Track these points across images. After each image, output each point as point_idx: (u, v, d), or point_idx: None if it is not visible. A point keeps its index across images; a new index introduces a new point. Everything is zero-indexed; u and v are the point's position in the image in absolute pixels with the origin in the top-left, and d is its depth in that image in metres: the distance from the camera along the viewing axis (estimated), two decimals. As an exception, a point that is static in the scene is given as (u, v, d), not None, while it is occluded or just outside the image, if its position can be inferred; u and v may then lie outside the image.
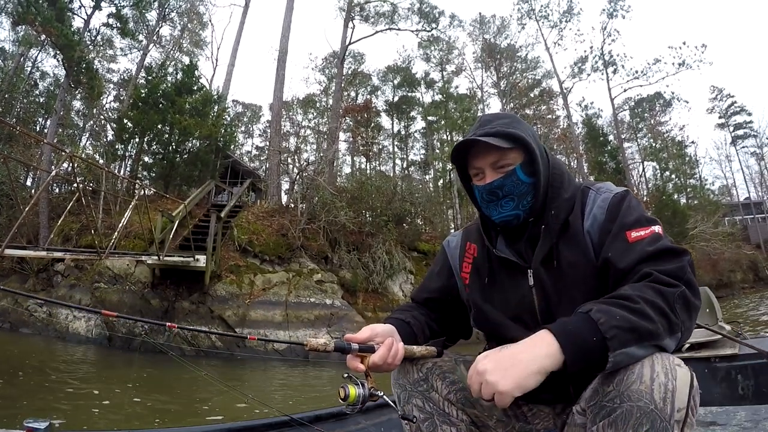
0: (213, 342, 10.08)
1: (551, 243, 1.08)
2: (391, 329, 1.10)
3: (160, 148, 16.97)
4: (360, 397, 0.89)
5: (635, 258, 0.94)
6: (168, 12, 23.39)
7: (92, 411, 5.28)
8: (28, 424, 1.44)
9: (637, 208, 1.03)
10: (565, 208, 1.10)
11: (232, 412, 5.62)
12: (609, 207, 1.05)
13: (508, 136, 1.07)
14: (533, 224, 1.12)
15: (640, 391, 0.80)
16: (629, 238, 0.98)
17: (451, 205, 22.40)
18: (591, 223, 1.06)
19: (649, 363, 0.82)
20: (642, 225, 0.99)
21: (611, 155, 24.56)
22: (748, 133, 36.98)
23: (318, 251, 12.93)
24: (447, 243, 1.37)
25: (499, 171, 1.10)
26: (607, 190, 1.09)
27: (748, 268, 25.82)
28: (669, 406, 0.79)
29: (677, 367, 0.82)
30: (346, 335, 0.99)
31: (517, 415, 1.17)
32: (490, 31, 28.96)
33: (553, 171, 1.13)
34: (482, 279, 1.19)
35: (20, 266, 12.29)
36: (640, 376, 0.80)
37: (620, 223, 1.01)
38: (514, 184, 1.09)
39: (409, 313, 1.23)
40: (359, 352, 0.96)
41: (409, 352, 1.05)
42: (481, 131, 1.10)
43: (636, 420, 0.79)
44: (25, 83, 19.71)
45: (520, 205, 1.11)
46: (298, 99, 30.45)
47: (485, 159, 1.10)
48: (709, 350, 2.87)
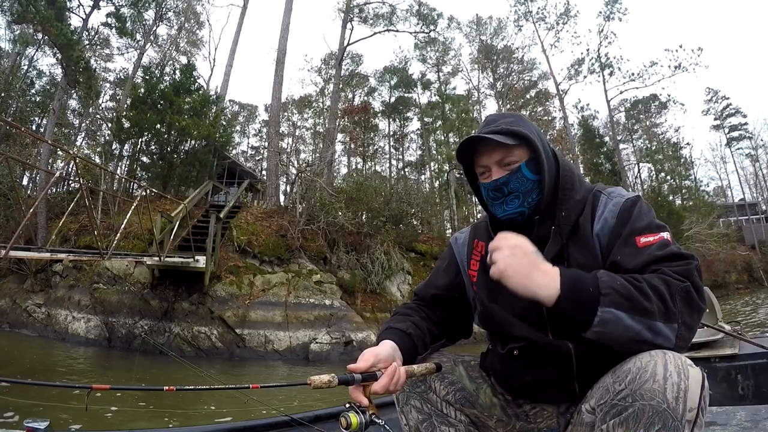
0: (213, 343, 10.08)
1: (561, 244, 1.08)
2: (392, 350, 1.08)
3: (157, 149, 16.90)
4: (362, 425, 0.91)
5: (643, 261, 0.95)
6: (165, 11, 23.28)
7: (93, 411, 5.27)
8: (28, 424, 1.46)
9: (647, 214, 1.04)
10: (576, 209, 1.10)
11: (232, 412, 5.63)
12: (620, 212, 1.05)
13: (512, 133, 1.08)
14: (539, 223, 1.12)
15: (653, 390, 0.80)
16: (638, 243, 0.98)
17: (448, 205, 22.45)
18: (601, 226, 1.06)
19: (662, 362, 0.82)
20: (652, 231, 1.00)
21: (607, 156, 24.63)
22: (743, 134, 37.21)
23: (317, 252, 12.93)
24: (455, 240, 1.36)
25: (504, 168, 1.11)
26: (619, 194, 1.09)
27: (742, 269, 25.98)
28: (681, 406, 0.80)
29: (689, 367, 0.83)
30: (349, 366, 0.99)
31: (518, 414, 1.17)
32: (487, 33, 29.01)
33: (563, 173, 1.14)
34: (489, 276, 1.19)
35: (18, 266, 12.20)
36: (653, 375, 0.81)
37: (630, 228, 1.01)
38: (519, 181, 1.10)
39: (409, 320, 1.21)
40: (362, 382, 0.97)
41: (409, 373, 1.05)
42: (486, 129, 1.11)
43: (648, 419, 0.80)
44: (21, 82, 19.57)
45: (525, 203, 1.12)
46: (294, 100, 30.43)
47: (491, 157, 1.11)
48: (709, 350, 2.86)
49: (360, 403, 0.95)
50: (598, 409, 0.89)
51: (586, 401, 0.96)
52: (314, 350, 10.22)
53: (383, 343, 1.09)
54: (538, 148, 1.09)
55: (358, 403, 0.95)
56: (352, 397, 0.97)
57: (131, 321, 10.22)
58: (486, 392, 1.20)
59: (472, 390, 1.19)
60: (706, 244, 22.66)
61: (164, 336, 10.01)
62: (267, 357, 10.02)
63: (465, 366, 1.23)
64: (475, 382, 1.21)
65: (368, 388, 0.97)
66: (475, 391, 1.19)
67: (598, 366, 0.97)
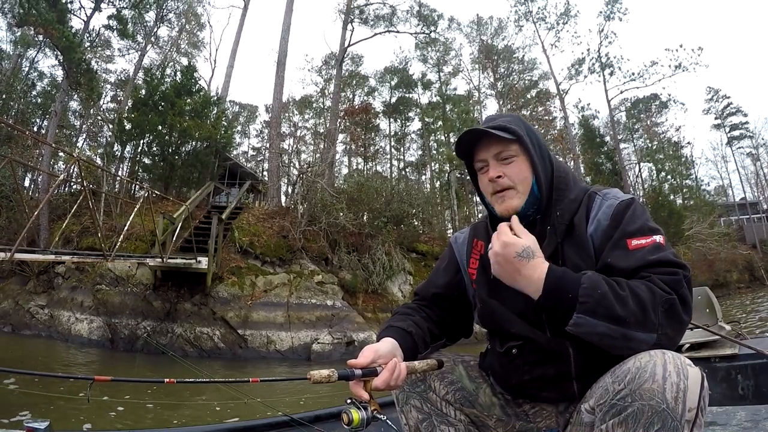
0: (216, 343, 10.11)
1: (556, 243, 1.09)
2: (393, 347, 1.08)
3: (159, 150, 16.94)
4: (363, 421, 0.91)
5: (634, 264, 0.96)
6: (166, 13, 23.31)
7: (93, 411, 5.29)
8: (28, 424, 1.46)
9: (641, 217, 1.04)
10: (570, 209, 1.12)
11: (233, 412, 5.66)
12: (613, 213, 1.06)
13: (509, 129, 1.10)
14: (540, 222, 1.14)
15: (652, 390, 0.80)
16: (630, 245, 0.99)
17: (448, 206, 22.46)
18: (595, 228, 1.07)
19: (661, 362, 0.83)
20: (644, 234, 1.00)
21: (608, 156, 24.62)
22: (744, 133, 37.06)
23: (318, 253, 12.95)
24: (454, 239, 1.37)
25: (501, 162, 1.13)
26: (614, 196, 1.10)
27: (743, 268, 25.86)
28: (681, 406, 0.80)
29: (689, 367, 0.83)
30: (349, 361, 0.99)
31: (517, 413, 1.17)
32: (488, 33, 28.99)
33: (557, 174, 1.15)
34: (489, 275, 1.17)
35: (20, 268, 12.23)
36: (652, 375, 0.81)
37: (622, 230, 1.02)
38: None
39: (410, 319, 1.21)
40: (362, 377, 0.96)
41: (410, 369, 1.05)
42: (484, 126, 1.14)
43: (647, 419, 0.80)
44: (22, 84, 19.62)
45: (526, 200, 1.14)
46: (294, 100, 30.43)
47: (488, 150, 1.14)
48: (709, 350, 2.85)
49: (361, 399, 0.95)
50: (597, 408, 0.89)
51: (586, 401, 0.96)
52: (316, 350, 10.25)
53: (384, 340, 1.10)
54: (529, 147, 1.11)
55: (359, 399, 0.95)
56: (353, 393, 0.97)
57: (134, 322, 10.26)
58: (486, 392, 1.20)
59: (471, 390, 1.20)
60: (707, 243, 22.56)
61: (167, 337, 10.05)
62: (269, 357, 10.05)
63: (465, 366, 1.24)
64: (474, 381, 1.21)
65: (369, 384, 0.97)
66: (474, 390, 1.20)
67: (596, 365, 0.98)
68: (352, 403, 0.94)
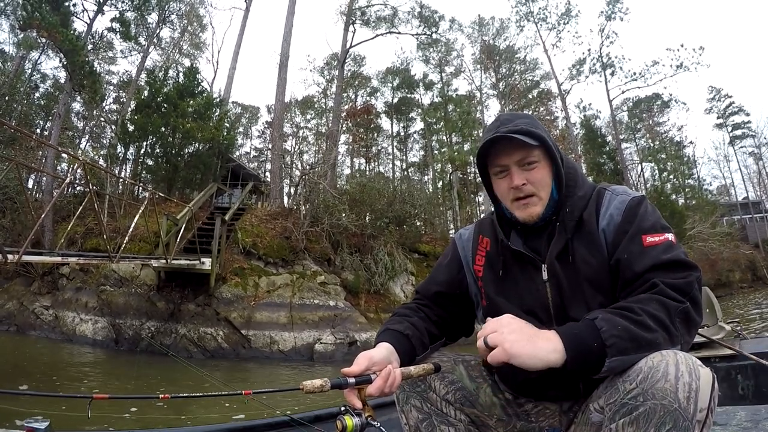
0: (219, 344, 10.17)
1: (566, 239, 1.09)
2: (389, 353, 1.07)
3: (162, 152, 17.01)
4: (356, 428, 0.91)
5: (648, 264, 0.96)
6: (168, 15, 23.39)
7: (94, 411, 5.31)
8: (29, 424, 1.48)
9: (653, 214, 1.05)
10: (580, 205, 1.11)
11: (233, 412, 5.69)
12: (626, 209, 1.06)
13: (532, 134, 1.08)
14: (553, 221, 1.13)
15: (665, 390, 0.80)
16: (644, 242, 0.99)
17: (450, 206, 22.49)
18: (607, 222, 1.07)
19: (673, 362, 0.82)
20: (657, 231, 1.01)
21: (609, 156, 24.55)
22: (747, 133, 36.86)
23: (321, 253, 13.00)
24: (459, 236, 1.35)
25: (524, 168, 1.11)
26: (624, 192, 1.11)
27: (746, 267, 25.76)
28: (692, 406, 0.79)
29: (700, 368, 0.83)
30: (343, 369, 0.98)
31: (518, 413, 1.16)
32: (489, 33, 28.97)
33: (567, 170, 1.14)
34: (496, 272, 1.18)
35: (24, 269, 12.31)
36: (665, 375, 0.80)
37: (637, 226, 1.02)
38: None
39: (407, 320, 1.20)
40: (356, 385, 0.96)
41: (406, 374, 1.04)
42: (504, 129, 1.09)
43: (659, 418, 0.79)
44: (25, 86, 19.70)
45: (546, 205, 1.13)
46: (297, 100, 30.47)
47: (510, 156, 1.11)
48: (709, 350, 2.85)
49: (354, 407, 0.95)
50: (607, 408, 0.88)
51: (594, 400, 0.96)
52: (319, 351, 10.30)
53: (379, 346, 1.09)
54: (554, 151, 1.10)
55: (352, 407, 0.95)
56: (347, 400, 0.97)
57: (138, 322, 10.32)
58: (486, 392, 1.19)
59: (472, 389, 1.19)
60: (709, 243, 22.49)
61: (171, 337, 10.10)
62: (272, 358, 10.11)
63: (465, 365, 1.22)
64: (475, 381, 1.20)
65: (363, 391, 0.97)
66: (475, 390, 1.19)
67: None
68: (346, 410, 0.94)
